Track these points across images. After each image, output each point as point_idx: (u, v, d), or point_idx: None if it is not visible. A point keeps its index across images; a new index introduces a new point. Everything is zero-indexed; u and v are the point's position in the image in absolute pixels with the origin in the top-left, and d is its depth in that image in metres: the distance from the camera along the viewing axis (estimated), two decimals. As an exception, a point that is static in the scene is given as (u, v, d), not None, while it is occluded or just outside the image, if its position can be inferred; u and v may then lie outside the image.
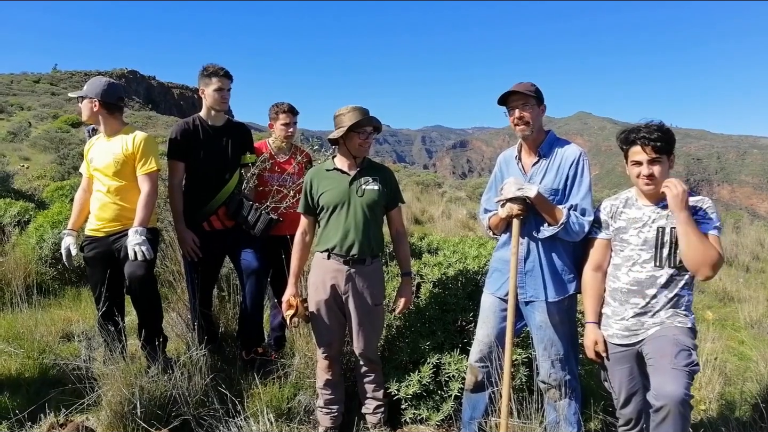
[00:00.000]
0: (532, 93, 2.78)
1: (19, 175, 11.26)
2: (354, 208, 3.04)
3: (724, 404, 3.82)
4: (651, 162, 2.52)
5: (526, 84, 2.82)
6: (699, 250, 2.39)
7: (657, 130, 2.51)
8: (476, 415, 3.03)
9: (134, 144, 3.52)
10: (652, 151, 2.51)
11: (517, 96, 2.79)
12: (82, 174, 3.76)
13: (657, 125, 2.54)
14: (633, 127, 2.61)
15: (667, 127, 2.55)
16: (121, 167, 3.49)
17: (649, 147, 2.51)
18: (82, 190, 3.72)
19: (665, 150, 2.52)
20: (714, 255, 2.39)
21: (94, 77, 3.58)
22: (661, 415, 2.31)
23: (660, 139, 2.50)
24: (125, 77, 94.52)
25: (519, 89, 2.78)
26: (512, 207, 2.75)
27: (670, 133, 2.55)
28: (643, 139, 2.52)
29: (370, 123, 3.05)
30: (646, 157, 2.53)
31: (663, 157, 2.52)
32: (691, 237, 2.39)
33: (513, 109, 2.82)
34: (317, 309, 3.14)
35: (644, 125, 2.57)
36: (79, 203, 3.69)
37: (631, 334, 2.61)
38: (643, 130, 2.54)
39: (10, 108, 32.84)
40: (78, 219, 3.67)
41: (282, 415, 3.33)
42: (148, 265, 3.38)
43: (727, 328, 6.06)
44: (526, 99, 2.77)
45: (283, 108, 4.01)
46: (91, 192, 3.63)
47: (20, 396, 3.44)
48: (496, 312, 2.93)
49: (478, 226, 11.77)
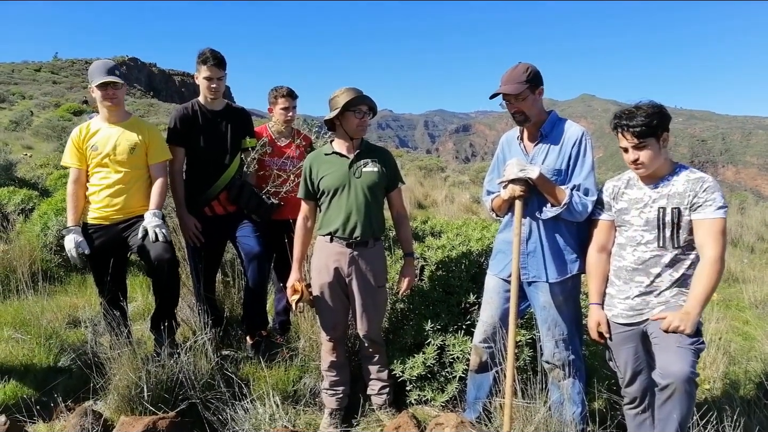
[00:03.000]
0: (523, 84, 2.70)
1: (22, 164, 11.27)
2: (355, 191, 3.04)
3: (729, 383, 3.82)
4: (635, 148, 2.49)
5: (517, 72, 2.73)
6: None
7: (640, 115, 2.44)
8: (481, 395, 3.05)
9: (149, 132, 3.53)
10: (633, 138, 2.46)
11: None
12: (69, 166, 3.53)
13: (642, 108, 2.46)
14: (618, 111, 2.55)
15: (653, 109, 2.46)
16: (136, 155, 3.47)
17: (629, 134, 2.47)
18: (75, 183, 3.50)
19: (649, 133, 2.44)
20: (717, 280, 2.41)
21: (96, 61, 3.49)
22: (667, 393, 2.32)
23: (641, 124, 2.43)
24: (126, 65, 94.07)
25: (507, 90, 2.71)
26: (514, 188, 2.73)
27: (656, 114, 2.45)
28: (623, 126, 2.48)
29: (364, 102, 3.03)
30: (628, 144, 2.50)
31: (649, 140, 2.45)
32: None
33: (507, 102, 2.78)
34: (321, 292, 3.15)
35: (626, 111, 2.51)
36: (74, 197, 3.48)
37: (636, 313, 2.60)
38: (624, 117, 2.49)
39: (12, 97, 32.81)
40: (77, 214, 3.48)
41: (288, 398, 3.36)
42: (171, 247, 3.38)
43: (732, 309, 6.05)
44: (517, 94, 2.71)
45: (282, 92, 3.98)
46: (83, 184, 3.51)
47: (28, 381, 3.48)
48: (500, 293, 2.93)
49: (481, 210, 11.76)
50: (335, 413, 3.25)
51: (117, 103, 3.46)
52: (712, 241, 2.40)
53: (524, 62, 2.78)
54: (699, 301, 2.38)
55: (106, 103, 3.42)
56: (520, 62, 2.79)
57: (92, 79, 3.40)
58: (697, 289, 2.41)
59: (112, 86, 3.39)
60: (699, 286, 2.40)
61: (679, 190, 2.49)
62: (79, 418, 2.75)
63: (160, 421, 2.57)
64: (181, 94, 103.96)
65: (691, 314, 2.36)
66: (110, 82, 3.36)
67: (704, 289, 2.39)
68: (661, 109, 2.49)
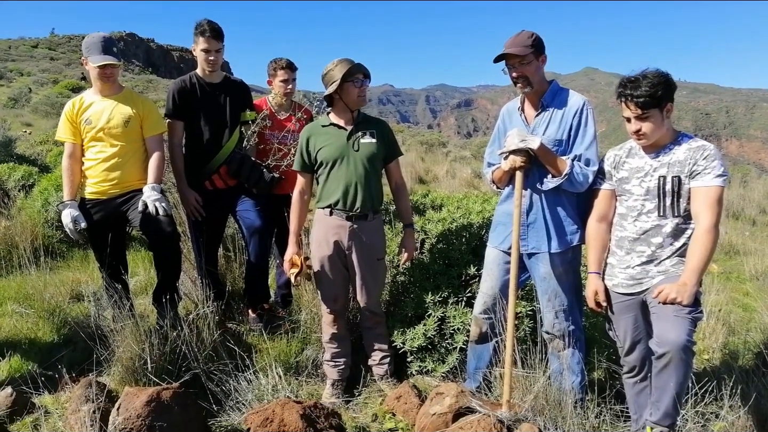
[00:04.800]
0: (528, 48, 2.67)
1: (21, 141, 11.23)
2: (354, 163, 3.02)
3: (728, 353, 3.86)
4: (638, 118, 2.45)
5: (521, 37, 2.71)
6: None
7: (645, 85, 2.39)
8: (481, 365, 3.08)
9: (143, 105, 3.51)
10: (637, 108, 2.42)
11: (512, 55, 2.70)
12: (64, 141, 3.50)
13: (647, 78, 2.41)
14: (622, 80, 2.50)
15: (659, 78, 2.41)
16: (130, 128, 3.45)
17: (632, 104, 2.43)
18: (70, 158, 3.45)
19: (653, 105, 2.40)
20: (711, 249, 2.38)
21: (93, 35, 3.40)
22: (663, 361, 2.33)
23: (645, 95, 2.38)
24: (123, 40, 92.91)
25: (512, 51, 2.68)
26: (515, 159, 2.71)
27: (661, 84, 2.40)
28: (627, 96, 2.44)
29: (360, 70, 3.00)
30: (632, 114, 2.46)
31: (652, 111, 2.41)
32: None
33: (511, 66, 2.75)
34: (321, 265, 3.16)
35: (631, 79, 2.45)
36: (70, 171, 3.42)
37: (636, 283, 2.60)
38: (629, 86, 2.43)
39: (10, 74, 32.51)
40: (73, 188, 3.43)
41: (290, 369, 3.40)
42: (173, 221, 3.38)
43: (732, 280, 6.07)
44: (522, 56, 2.68)
45: (282, 64, 3.92)
46: (78, 159, 3.47)
47: (33, 354, 3.52)
48: (500, 265, 2.94)
49: (482, 185, 11.73)
50: (337, 384, 3.29)
51: (113, 81, 3.45)
52: (707, 209, 2.38)
53: (528, 29, 2.75)
54: (695, 272, 2.37)
55: (102, 79, 3.40)
56: (524, 30, 2.76)
57: (89, 54, 3.35)
58: (692, 259, 2.39)
59: (110, 66, 3.37)
60: (694, 256, 2.39)
61: (680, 158, 2.47)
62: (84, 389, 2.78)
63: (164, 392, 2.59)
64: (179, 69, 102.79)
65: (687, 285, 2.35)
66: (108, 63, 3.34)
67: (699, 259, 2.37)
68: (667, 79, 2.43)
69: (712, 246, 2.38)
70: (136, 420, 2.45)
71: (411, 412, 2.92)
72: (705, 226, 2.38)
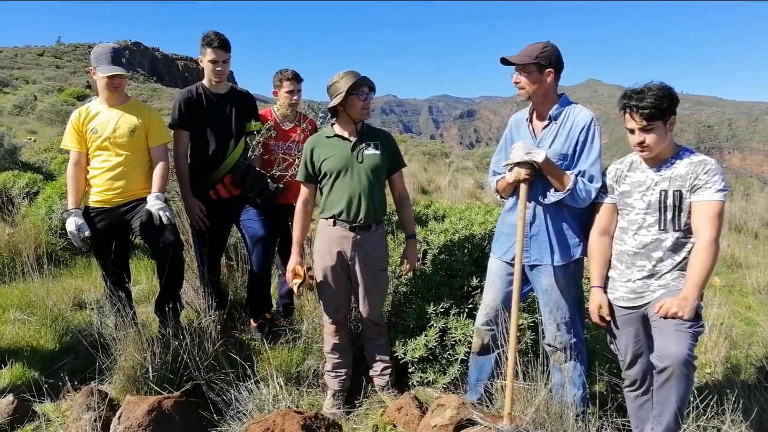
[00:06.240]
0: (530, 60, 2.68)
1: (26, 148, 11.30)
2: (358, 174, 3.04)
3: (730, 367, 3.84)
4: (642, 130, 2.46)
5: (533, 46, 2.73)
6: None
7: (649, 97, 2.40)
8: (482, 377, 3.07)
9: (149, 114, 3.54)
10: (642, 120, 2.43)
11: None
12: (70, 149, 3.52)
13: (652, 90, 2.43)
14: (627, 91, 2.51)
15: (663, 91, 2.43)
16: (136, 137, 3.48)
17: (637, 115, 2.43)
18: (75, 166, 3.49)
19: (657, 116, 2.41)
20: (712, 263, 2.38)
21: (102, 45, 3.46)
22: (665, 375, 2.33)
23: (650, 106, 2.39)
24: (129, 49, 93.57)
25: (513, 57, 2.72)
26: (520, 171, 2.71)
27: (666, 96, 2.42)
28: (632, 107, 2.44)
29: (365, 83, 3.03)
30: (636, 126, 2.47)
31: (656, 123, 2.43)
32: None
33: (514, 72, 2.78)
34: (324, 275, 3.16)
35: (636, 91, 2.46)
36: (75, 180, 3.48)
37: (637, 296, 2.61)
38: (634, 98, 2.44)
39: (15, 82, 32.70)
40: (77, 196, 3.49)
41: (291, 379, 3.40)
42: (176, 230, 3.40)
43: (735, 294, 6.05)
44: (523, 65, 2.71)
45: (287, 75, 3.96)
46: (83, 167, 3.51)
47: (35, 362, 3.52)
48: (503, 276, 2.94)
49: (485, 196, 11.74)
50: (338, 394, 3.29)
51: (120, 91, 3.50)
52: (708, 223, 2.39)
53: (550, 42, 2.75)
54: (695, 286, 2.37)
55: (110, 89, 3.44)
56: (548, 41, 2.77)
57: (97, 64, 3.39)
58: (692, 273, 2.39)
59: (119, 76, 3.41)
60: (694, 270, 2.39)
61: (681, 172, 2.48)
62: (86, 397, 2.79)
63: (165, 401, 2.60)
64: (184, 78, 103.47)
65: (688, 299, 2.35)
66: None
67: (700, 273, 2.37)
68: (671, 92, 2.45)
69: (712, 260, 2.38)
70: (137, 429, 2.45)
71: (412, 423, 2.91)
72: (705, 240, 2.38)
